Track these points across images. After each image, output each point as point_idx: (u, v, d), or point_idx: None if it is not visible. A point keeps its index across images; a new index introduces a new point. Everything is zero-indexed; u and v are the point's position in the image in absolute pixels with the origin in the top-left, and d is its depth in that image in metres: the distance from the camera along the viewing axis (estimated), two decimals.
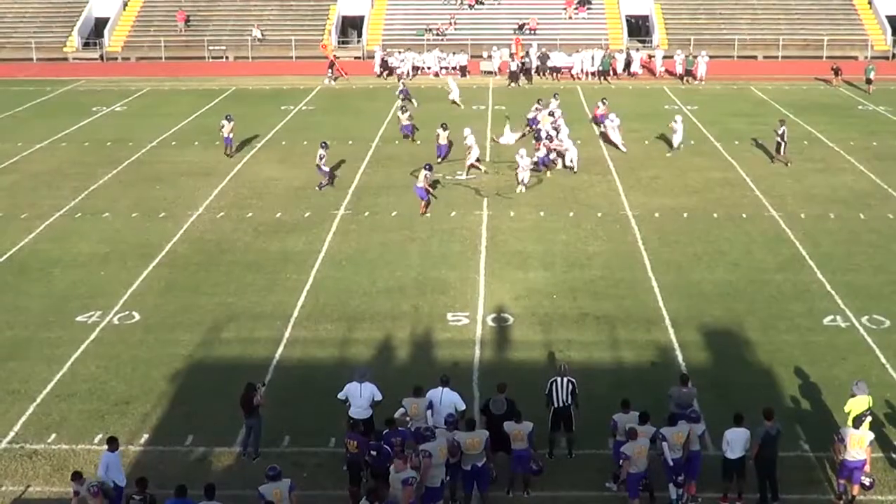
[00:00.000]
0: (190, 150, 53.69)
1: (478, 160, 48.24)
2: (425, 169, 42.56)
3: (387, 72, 77.19)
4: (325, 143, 46.97)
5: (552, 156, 48.12)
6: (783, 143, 48.76)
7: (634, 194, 44.02)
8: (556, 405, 24.18)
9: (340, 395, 24.46)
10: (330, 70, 74.67)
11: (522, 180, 45.02)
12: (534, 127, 53.64)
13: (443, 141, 50.23)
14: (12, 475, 24.13)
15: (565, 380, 24.30)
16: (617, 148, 51.63)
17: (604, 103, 57.23)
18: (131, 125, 59.94)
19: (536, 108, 55.11)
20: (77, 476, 21.14)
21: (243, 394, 24.34)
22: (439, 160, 49.11)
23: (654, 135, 55.14)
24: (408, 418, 23.71)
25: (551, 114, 52.97)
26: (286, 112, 63.69)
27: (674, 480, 22.37)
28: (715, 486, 22.71)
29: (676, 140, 51.28)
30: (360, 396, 24.14)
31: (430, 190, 42.51)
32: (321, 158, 45.63)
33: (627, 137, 53.90)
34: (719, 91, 70.15)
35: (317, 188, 45.32)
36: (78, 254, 38.12)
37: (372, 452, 22.13)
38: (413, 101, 62.54)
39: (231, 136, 51.79)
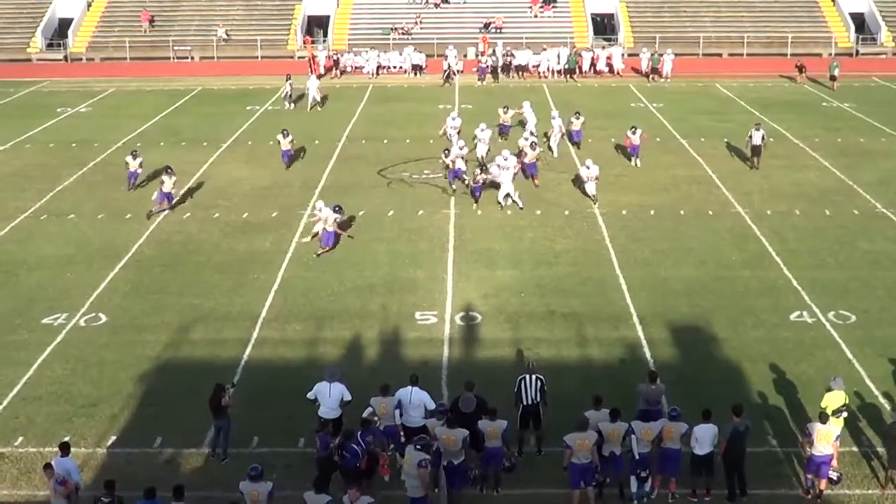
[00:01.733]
0: (156, 150, 53.35)
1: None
2: (335, 211, 37.95)
3: (339, 71, 76.88)
4: (168, 166, 43.82)
5: (538, 162, 46.44)
6: (762, 147, 48.00)
7: (602, 192, 44.02)
8: (525, 402, 24.20)
9: (310, 395, 24.41)
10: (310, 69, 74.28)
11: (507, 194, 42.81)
12: (506, 133, 53.68)
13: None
14: None
15: (534, 377, 24.32)
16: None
17: (634, 131, 49.34)
18: (97, 126, 59.63)
19: (504, 110, 54.82)
20: (48, 467, 21.18)
21: (211, 395, 24.22)
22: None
23: (621, 133, 55.21)
24: (376, 417, 23.68)
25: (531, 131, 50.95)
26: (252, 112, 63.49)
27: (637, 474, 22.45)
28: (683, 482, 22.76)
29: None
30: (330, 396, 24.10)
31: (340, 233, 38.30)
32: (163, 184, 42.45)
33: (594, 136, 54.11)
34: (685, 88, 70.43)
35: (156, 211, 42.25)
36: (43, 255, 37.89)
37: (344, 454, 22.11)
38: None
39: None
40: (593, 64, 76.28)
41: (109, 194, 45.51)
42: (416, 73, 76.34)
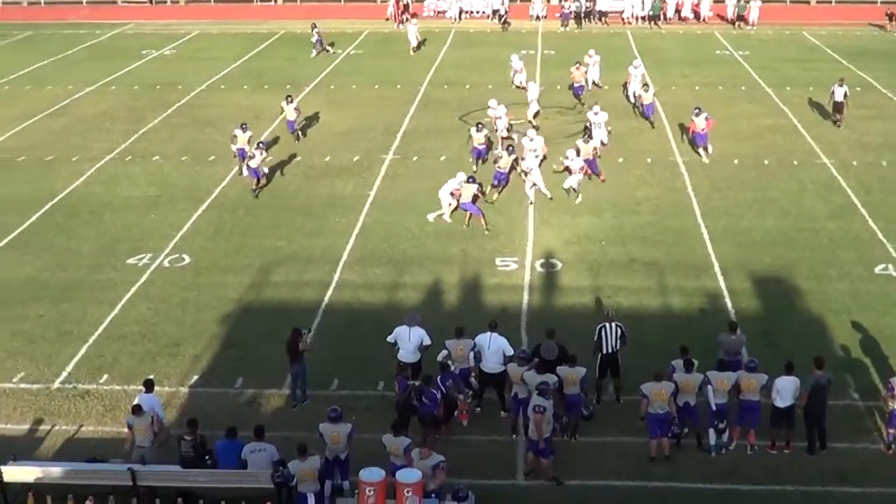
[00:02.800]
0: (239, 93, 53.73)
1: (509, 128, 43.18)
2: (470, 182, 35.63)
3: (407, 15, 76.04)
4: (260, 142, 40.40)
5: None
6: (845, 104, 46.12)
7: (685, 141, 43.64)
8: (605, 351, 24.17)
9: (390, 339, 24.55)
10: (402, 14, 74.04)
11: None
12: (580, 95, 50.59)
13: (479, 143, 40.87)
14: (65, 415, 24.46)
15: (614, 325, 24.28)
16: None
17: (698, 113, 42.20)
18: (180, 69, 59.99)
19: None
20: (137, 409, 21.48)
21: (289, 339, 24.50)
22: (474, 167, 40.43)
23: (705, 81, 54.66)
24: (450, 361, 23.79)
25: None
26: (334, 56, 63.48)
27: (714, 426, 22.38)
28: (763, 435, 22.64)
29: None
30: (409, 340, 24.22)
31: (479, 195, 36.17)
32: (253, 157, 38.61)
33: (677, 83, 53.58)
34: (772, 36, 69.19)
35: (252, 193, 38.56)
36: (128, 197, 38.37)
37: (423, 399, 22.23)
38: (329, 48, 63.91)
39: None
40: (678, 10, 75.24)
41: (193, 136, 45.91)
42: (497, 20, 75.38)
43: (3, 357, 27.09)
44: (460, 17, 76.02)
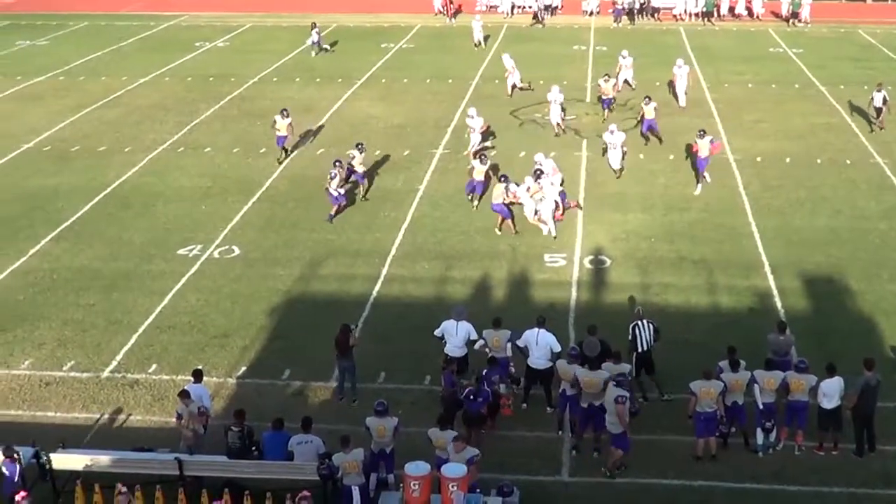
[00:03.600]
0: (291, 86, 53.93)
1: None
2: (501, 181, 34.46)
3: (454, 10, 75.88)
4: (338, 160, 36.66)
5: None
6: (884, 109, 44.77)
7: (737, 138, 43.43)
8: (640, 349, 24.12)
9: (437, 333, 24.61)
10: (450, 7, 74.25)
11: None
12: (607, 106, 47.20)
13: (478, 176, 36.76)
14: (114, 403, 24.70)
15: (646, 322, 24.23)
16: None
17: (702, 135, 38.35)
18: (233, 61, 60.25)
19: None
20: (185, 394, 21.60)
21: (338, 334, 24.55)
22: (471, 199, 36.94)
23: (758, 78, 54.31)
24: (487, 349, 23.81)
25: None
26: (386, 50, 63.58)
27: (762, 425, 22.27)
28: (811, 435, 22.50)
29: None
30: (456, 335, 24.27)
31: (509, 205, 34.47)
32: (333, 178, 35.69)
33: (730, 80, 53.29)
34: (826, 34, 68.55)
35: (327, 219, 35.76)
36: (179, 187, 38.64)
37: (475, 398, 22.23)
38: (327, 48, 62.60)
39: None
40: (731, 7, 74.70)
41: (245, 128, 46.13)
42: (549, 14, 74.89)
43: (54, 346, 27.38)
44: (512, 13, 75.84)
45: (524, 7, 76.79)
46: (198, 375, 22.76)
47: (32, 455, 20.76)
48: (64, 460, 21.01)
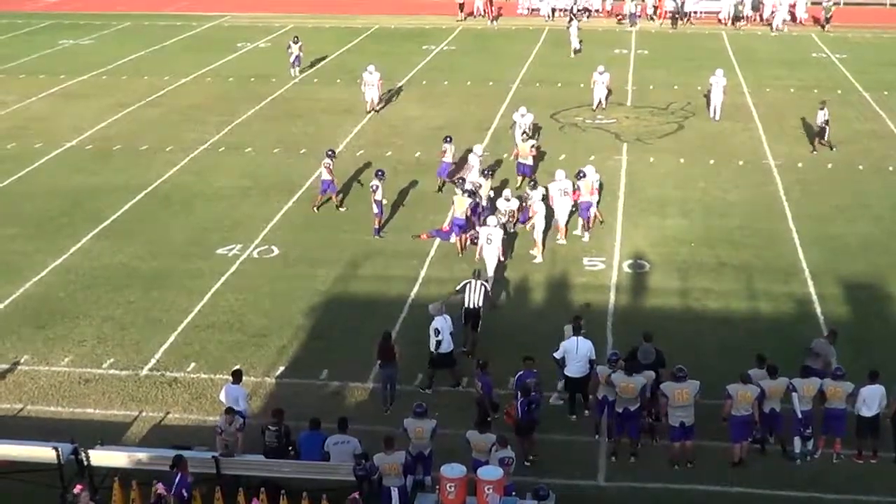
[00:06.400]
0: (331, 87, 54.09)
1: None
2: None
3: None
4: (380, 171, 35.22)
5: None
6: (825, 129, 42.98)
7: (777, 143, 43.22)
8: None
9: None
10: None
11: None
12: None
13: (447, 158, 38.20)
14: (153, 401, 24.82)
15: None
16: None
17: (582, 176, 34.02)
18: (275, 61, 60.30)
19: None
20: (230, 411, 21.53)
21: (381, 342, 24.49)
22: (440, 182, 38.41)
23: (800, 83, 53.99)
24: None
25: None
26: (427, 52, 63.65)
27: (800, 433, 22.14)
28: (849, 443, 22.35)
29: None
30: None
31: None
32: (376, 190, 34.05)
33: (771, 85, 53.07)
34: (869, 40, 67.95)
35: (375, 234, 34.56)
36: (220, 187, 38.81)
37: (530, 405, 22.15)
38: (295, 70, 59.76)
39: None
40: (773, 11, 74.27)
41: (285, 129, 46.31)
42: (586, 16, 74.58)
43: (93, 343, 27.56)
44: (553, 16, 75.68)
45: (565, 10, 76.44)
46: (237, 376, 22.79)
47: (71, 451, 20.89)
48: (102, 457, 21.13)
